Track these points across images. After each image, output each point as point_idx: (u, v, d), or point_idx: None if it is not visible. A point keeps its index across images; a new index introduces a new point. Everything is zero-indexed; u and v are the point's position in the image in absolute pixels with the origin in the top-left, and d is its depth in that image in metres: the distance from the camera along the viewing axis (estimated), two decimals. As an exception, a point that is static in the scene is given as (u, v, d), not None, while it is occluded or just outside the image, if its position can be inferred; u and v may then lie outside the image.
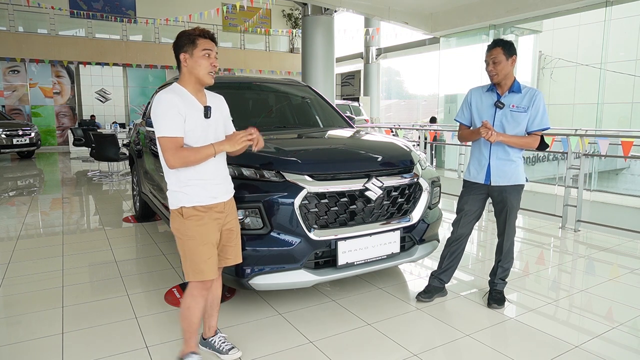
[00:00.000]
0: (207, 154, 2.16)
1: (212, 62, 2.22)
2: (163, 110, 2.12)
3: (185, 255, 2.24)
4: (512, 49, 2.93)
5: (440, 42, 14.78)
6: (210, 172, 2.25)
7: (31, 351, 2.54)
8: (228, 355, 2.46)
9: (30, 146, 12.90)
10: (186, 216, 2.20)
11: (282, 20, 21.78)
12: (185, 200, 2.20)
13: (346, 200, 2.83)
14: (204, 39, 2.21)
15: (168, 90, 2.19)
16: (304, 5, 12.20)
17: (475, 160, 3.11)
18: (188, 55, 2.20)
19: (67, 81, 17.52)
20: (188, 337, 2.32)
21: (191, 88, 2.24)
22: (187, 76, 2.24)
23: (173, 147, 2.11)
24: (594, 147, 7.64)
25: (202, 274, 2.22)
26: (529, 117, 2.93)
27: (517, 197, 3.05)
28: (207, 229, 2.23)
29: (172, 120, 2.11)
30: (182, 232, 2.22)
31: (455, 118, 3.26)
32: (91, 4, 17.46)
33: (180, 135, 2.13)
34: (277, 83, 4.69)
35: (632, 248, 4.60)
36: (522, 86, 2.98)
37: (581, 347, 2.59)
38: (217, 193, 2.28)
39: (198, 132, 2.19)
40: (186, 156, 2.13)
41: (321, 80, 12.09)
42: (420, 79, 28.68)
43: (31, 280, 3.61)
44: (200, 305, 2.30)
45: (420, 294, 3.23)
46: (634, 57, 14.17)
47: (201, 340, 2.55)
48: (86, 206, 6.94)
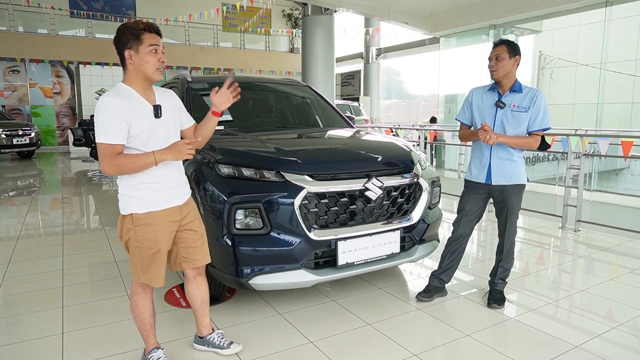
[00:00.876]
0: (146, 162, 2.04)
1: (160, 58, 2.09)
2: (104, 115, 1.98)
3: (135, 259, 2.17)
4: (517, 49, 2.95)
5: (440, 42, 14.77)
6: (163, 174, 2.15)
7: (31, 351, 2.54)
8: (230, 349, 2.48)
9: (30, 146, 12.90)
10: (137, 223, 2.11)
11: (282, 20, 21.77)
12: (137, 207, 2.11)
13: (346, 200, 2.83)
14: (150, 34, 2.06)
15: (112, 93, 2.05)
16: (304, 5, 12.20)
17: (476, 159, 3.11)
18: (133, 51, 2.05)
19: (67, 81, 17.52)
20: (146, 335, 2.32)
21: (138, 87, 2.11)
22: (134, 74, 2.09)
23: (109, 154, 1.98)
24: (594, 147, 7.64)
25: (151, 280, 2.19)
26: (529, 117, 2.93)
27: (517, 197, 3.05)
28: (158, 236, 2.15)
29: (112, 127, 1.97)
30: (131, 238, 2.14)
31: (456, 117, 3.27)
32: (91, 4, 17.46)
33: (118, 143, 1.99)
34: (277, 83, 4.70)
35: (632, 248, 4.60)
36: (523, 86, 2.99)
37: (581, 347, 2.59)
38: (171, 196, 2.19)
39: (146, 134, 2.07)
40: (122, 164, 2.01)
41: (321, 80, 12.08)
42: (420, 79, 28.71)
43: (31, 280, 3.61)
44: (147, 301, 2.27)
45: (420, 293, 3.24)
46: (634, 57, 14.17)
47: (198, 340, 2.55)
48: (86, 206, 6.94)
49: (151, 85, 2.17)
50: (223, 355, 2.48)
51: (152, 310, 2.31)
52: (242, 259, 2.66)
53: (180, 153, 2.08)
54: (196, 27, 18.46)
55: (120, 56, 2.09)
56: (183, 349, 2.57)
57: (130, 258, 2.21)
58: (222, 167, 2.80)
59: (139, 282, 2.23)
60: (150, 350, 2.34)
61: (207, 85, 4.23)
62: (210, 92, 2.27)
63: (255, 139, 3.33)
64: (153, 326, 2.33)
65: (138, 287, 2.25)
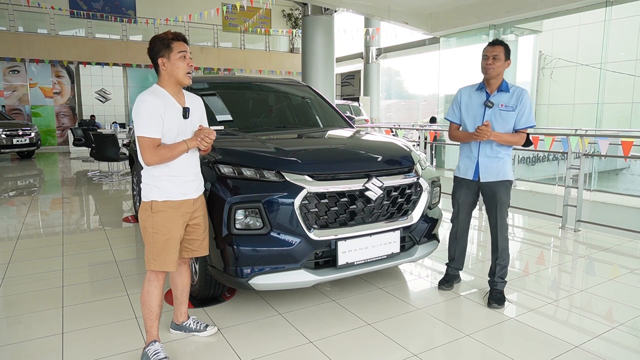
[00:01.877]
0: (180, 150, 2.30)
1: (188, 63, 2.35)
2: (145, 111, 2.23)
3: (149, 245, 2.35)
4: (510, 52, 3.09)
5: (440, 42, 14.77)
6: (182, 169, 2.37)
7: (31, 351, 2.55)
8: (207, 332, 2.71)
9: (30, 146, 12.90)
10: (155, 210, 2.32)
11: (282, 20, 21.78)
12: (157, 194, 2.32)
13: (346, 200, 2.83)
14: (178, 42, 2.33)
15: (149, 92, 2.30)
16: (304, 5, 12.20)
17: (464, 157, 3.22)
18: (165, 59, 2.31)
19: (67, 81, 17.52)
20: (150, 325, 2.42)
21: (171, 90, 2.36)
22: (167, 79, 2.35)
23: (152, 146, 2.24)
24: (594, 147, 7.64)
25: (163, 265, 2.36)
26: (516, 116, 3.03)
27: (506, 192, 3.14)
28: (173, 224, 2.35)
29: (152, 122, 2.23)
30: (149, 224, 2.33)
31: (445, 117, 3.36)
32: (91, 4, 17.46)
33: (158, 137, 2.26)
34: (277, 83, 4.70)
35: (632, 248, 4.60)
36: (509, 85, 3.09)
37: (581, 347, 2.60)
38: (187, 190, 2.40)
39: (175, 132, 2.32)
40: (163, 154, 2.27)
41: (321, 80, 12.09)
42: (420, 79, 28.70)
43: (31, 280, 3.61)
44: (159, 290, 2.42)
45: (442, 282, 3.41)
46: (634, 57, 14.17)
47: (174, 326, 2.74)
48: (86, 206, 6.94)
49: (182, 89, 2.42)
50: (203, 337, 2.69)
51: (161, 301, 2.44)
52: (242, 259, 2.66)
53: (202, 140, 2.32)
54: (196, 27, 18.46)
55: (154, 63, 2.36)
56: (183, 347, 2.57)
57: (145, 246, 2.37)
58: (222, 167, 2.80)
59: (152, 271, 2.38)
60: (149, 343, 2.41)
61: (207, 85, 4.23)
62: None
63: (255, 139, 3.33)
64: (158, 317, 2.44)
65: (151, 275, 2.40)
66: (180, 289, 2.68)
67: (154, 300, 2.40)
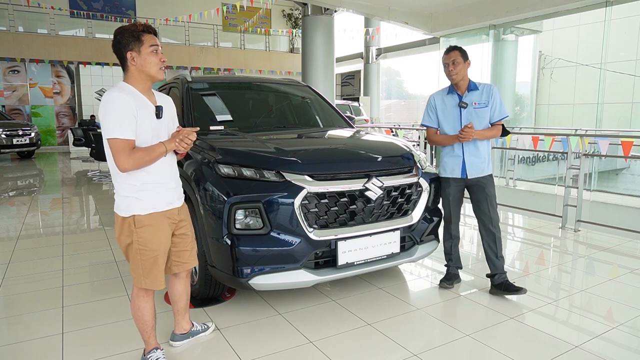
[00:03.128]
0: (159, 152, 2.10)
1: (161, 58, 2.16)
2: (115, 110, 2.00)
3: (136, 262, 2.17)
4: (466, 54, 3.23)
5: (440, 42, 14.78)
6: (162, 175, 2.18)
7: (31, 351, 2.54)
8: (211, 329, 2.72)
9: (30, 146, 12.90)
10: (139, 225, 2.11)
11: (282, 20, 21.78)
12: (139, 208, 2.11)
13: (346, 200, 2.83)
14: (149, 34, 2.13)
15: (118, 89, 2.08)
16: (304, 5, 12.20)
17: (449, 157, 3.33)
18: (135, 53, 2.10)
19: (67, 81, 17.53)
20: (147, 336, 2.33)
21: (141, 87, 2.15)
22: (136, 75, 2.14)
23: (127, 149, 2.01)
24: (594, 147, 7.64)
25: (153, 283, 2.20)
26: (490, 111, 3.20)
27: (492, 185, 3.31)
28: (160, 237, 2.17)
29: (125, 121, 2.01)
30: (133, 240, 2.13)
31: (422, 123, 3.50)
32: (91, 4, 17.47)
33: (133, 138, 2.04)
34: (277, 83, 4.69)
35: (632, 248, 4.60)
36: (477, 84, 3.25)
37: (581, 347, 2.59)
38: (172, 198, 2.23)
39: (149, 133, 2.11)
40: (139, 157, 2.04)
41: (321, 80, 12.08)
42: (420, 79, 28.70)
43: (31, 280, 3.61)
44: (150, 304, 2.29)
45: (443, 281, 3.44)
46: (634, 57, 14.17)
47: (179, 337, 2.60)
48: (86, 206, 6.94)
49: (151, 87, 2.23)
50: (209, 335, 2.67)
51: (153, 312, 2.33)
52: (242, 259, 2.66)
53: (182, 141, 2.14)
54: (196, 27, 18.46)
55: (121, 58, 2.14)
56: (182, 349, 2.57)
57: (131, 262, 2.21)
58: (222, 167, 2.80)
59: (141, 287, 2.23)
60: (149, 351, 2.35)
61: (207, 85, 4.23)
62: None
63: (255, 139, 3.33)
64: (154, 327, 2.35)
65: (140, 291, 2.26)
66: (185, 299, 2.57)
67: (147, 314, 2.28)
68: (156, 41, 2.15)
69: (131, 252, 2.17)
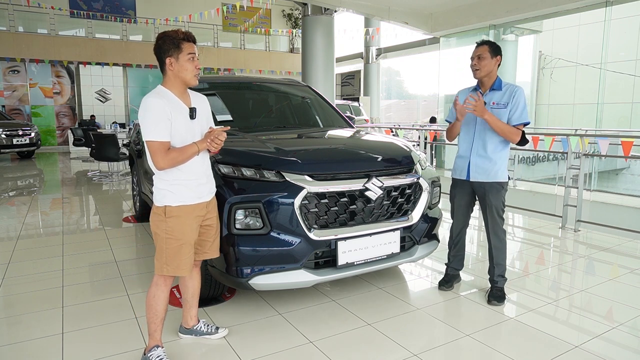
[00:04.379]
0: (191, 152, 2.25)
1: (196, 65, 2.30)
2: (152, 114, 2.17)
3: (161, 250, 2.30)
4: (498, 50, 3.09)
5: (440, 42, 14.77)
6: (194, 172, 2.32)
7: (31, 351, 2.54)
8: (218, 334, 2.66)
9: (30, 146, 12.90)
10: (168, 215, 2.27)
11: (282, 20, 21.78)
12: (171, 199, 2.27)
13: (346, 200, 2.83)
14: (189, 43, 2.28)
15: (154, 94, 2.23)
16: (304, 5, 12.20)
17: (458, 157, 3.26)
18: (174, 59, 2.25)
19: (67, 81, 17.52)
20: (154, 329, 2.38)
21: (176, 90, 2.29)
22: (173, 79, 2.29)
23: (162, 150, 2.18)
24: (594, 147, 7.64)
25: (176, 270, 2.32)
26: (509, 112, 3.02)
27: (496, 195, 3.10)
28: (187, 229, 2.30)
29: (160, 125, 2.17)
30: (162, 229, 2.28)
31: (445, 118, 3.42)
32: (91, 4, 17.46)
33: (168, 140, 2.20)
34: (277, 83, 4.69)
35: (632, 248, 4.60)
36: (503, 83, 3.12)
37: (581, 347, 2.59)
38: (201, 193, 2.36)
39: (183, 133, 2.25)
40: (174, 157, 2.21)
41: (321, 80, 12.09)
42: (420, 79, 28.68)
43: (31, 280, 3.61)
44: (166, 294, 2.38)
45: (442, 283, 3.40)
46: (634, 57, 14.17)
47: (184, 330, 2.68)
48: (86, 206, 6.94)
49: (187, 89, 2.36)
50: (214, 339, 2.64)
51: (166, 305, 2.40)
52: (242, 259, 2.66)
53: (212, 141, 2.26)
54: (196, 27, 18.44)
55: (160, 62, 2.29)
56: (182, 348, 2.57)
57: (156, 250, 2.33)
58: (222, 167, 2.80)
59: (161, 275, 2.33)
60: (151, 348, 2.36)
61: (207, 85, 4.23)
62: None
63: (255, 139, 3.33)
64: (162, 321, 2.40)
65: (159, 279, 2.36)
66: (192, 292, 2.62)
67: (160, 304, 2.35)
68: (194, 49, 2.29)
69: (158, 239, 2.31)
